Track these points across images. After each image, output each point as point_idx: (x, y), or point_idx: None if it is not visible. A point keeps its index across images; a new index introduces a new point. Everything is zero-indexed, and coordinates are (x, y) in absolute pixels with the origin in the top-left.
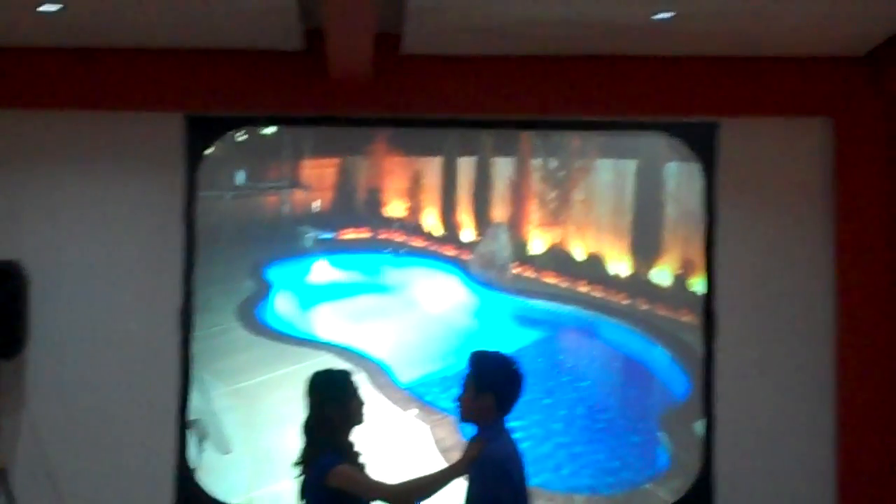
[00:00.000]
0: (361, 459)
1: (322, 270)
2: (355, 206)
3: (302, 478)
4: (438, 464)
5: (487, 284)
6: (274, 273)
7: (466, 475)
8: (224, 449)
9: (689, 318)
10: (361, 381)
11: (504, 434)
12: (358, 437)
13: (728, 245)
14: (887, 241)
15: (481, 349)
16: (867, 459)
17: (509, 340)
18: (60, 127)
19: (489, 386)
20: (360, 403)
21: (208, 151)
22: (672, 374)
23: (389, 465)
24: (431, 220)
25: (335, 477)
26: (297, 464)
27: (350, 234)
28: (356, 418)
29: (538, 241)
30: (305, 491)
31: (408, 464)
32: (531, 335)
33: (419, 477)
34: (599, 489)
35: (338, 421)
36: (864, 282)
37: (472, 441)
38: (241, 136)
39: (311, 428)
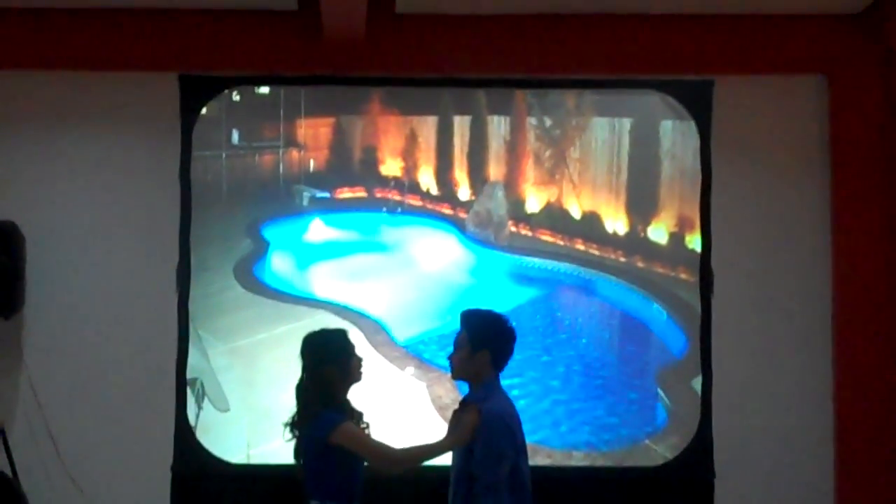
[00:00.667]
0: (364, 419)
1: (318, 229)
2: (351, 166)
3: (298, 437)
4: (434, 421)
5: (484, 243)
6: (270, 232)
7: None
8: (222, 407)
9: (686, 276)
10: (358, 338)
11: (500, 390)
12: (354, 395)
13: (724, 202)
14: (883, 196)
15: (472, 308)
16: (865, 412)
17: (506, 298)
18: (55, 88)
19: (485, 343)
20: (358, 361)
21: (203, 111)
22: (669, 332)
23: (386, 422)
24: (427, 179)
25: (339, 434)
26: (288, 424)
27: (346, 193)
28: (355, 376)
29: (534, 200)
30: (304, 449)
31: (405, 421)
32: (528, 293)
33: (420, 445)
34: (598, 445)
35: (337, 380)
36: (860, 237)
37: (466, 403)
38: (235, 96)
39: (307, 389)
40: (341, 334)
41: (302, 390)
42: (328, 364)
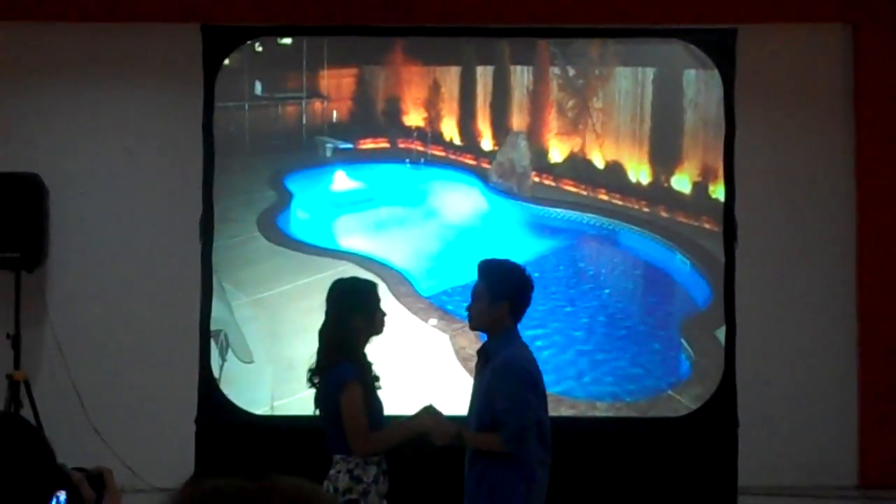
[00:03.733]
0: (375, 371)
1: (342, 180)
2: (374, 116)
3: (317, 387)
4: (457, 372)
5: (507, 193)
6: (293, 183)
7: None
8: (246, 359)
9: (710, 226)
10: (382, 290)
11: (520, 340)
12: (378, 346)
13: (748, 152)
14: None
15: (490, 258)
16: (889, 360)
17: (529, 249)
18: (78, 40)
19: (504, 294)
20: (382, 314)
21: (226, 62)
22: (693, 282)
23: (409, 374)
24: (450, 130)
25: (344, 394)
26: (312, 370)
27: (369, 144)
28: (378, 328)
29: (557, 150)
30: (322, 400)
31: (428, 372)
32: (551, 244)
33: (388, 430)
34: (621, 396)
35: (361, 329)
36: (885, 186)
37: (485, 352)
38: (258, 47)
39: (330, 335)
40: (371, 285)
41: (324, 336)
42: (354, 312)
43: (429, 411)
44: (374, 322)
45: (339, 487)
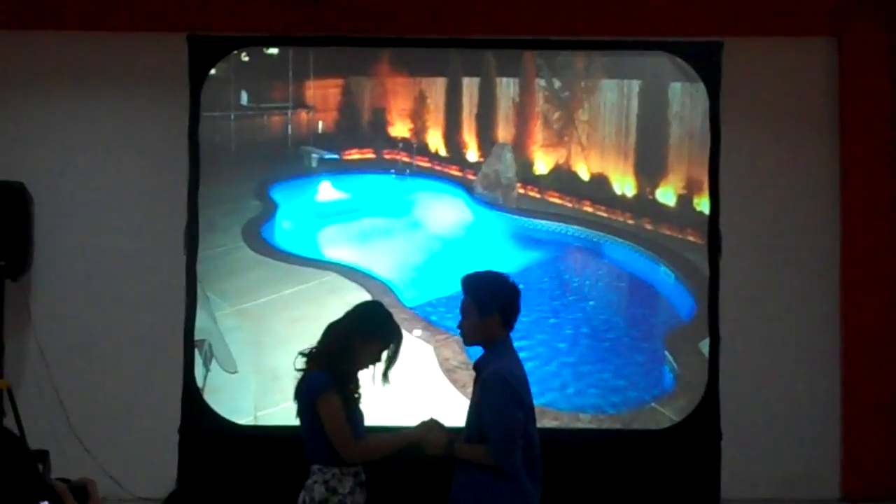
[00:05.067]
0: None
1: (327, 191)
2: (360, 127)
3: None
4: (441, 383)
5: (492, 205)
6: (279, 193)
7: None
8: (230, 369)
9: (695, 238)
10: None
11: (511, 352)
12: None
13: (733, 165)
14: (892, 160)
15: (472, 272)
16: (872, 374)
17: (514, 260)
18: (64, 48)
19: (493, 307)
20: (382, 352)
21: (212, 72)
22: (677, 294)
23: (393, 384)
24: (436, 141)
25: (323, 402)
26: (303, 353)
27: (354, 155)
28: (372, 361)
29: (542, 162)
30: (301, 409)
31: (412, 383)
32: (536, 255)
33: (380, 437)
34: (605, 408)
35: (357, 350)
36: (869, 201)
37: (478, 367)
38: (244, 57)
39: (331, 337)
40: (389, 324)
41: (328, 334)
42: (372, 337)
43: (427, 422)
44: (376, 356)
45: (315, 498)
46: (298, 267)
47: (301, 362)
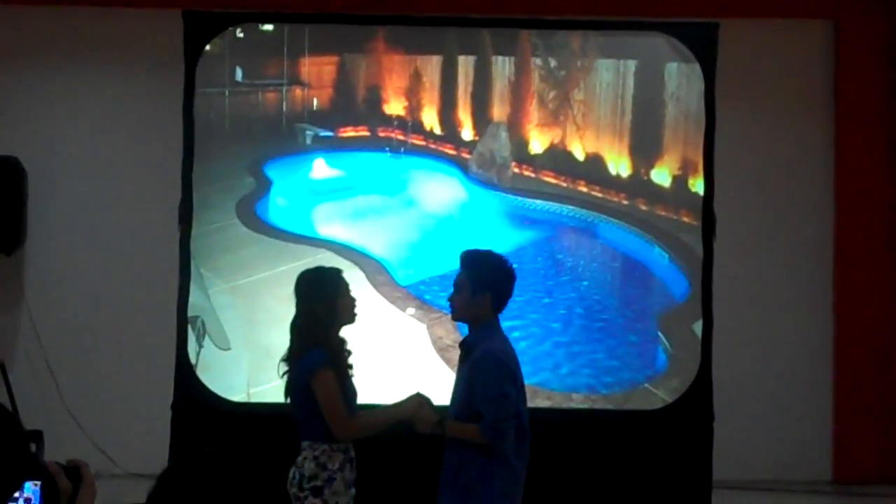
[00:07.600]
0: (351, 360)
1: (321, 168)
2: (354, 105)
3: (288, 376)
4: (434, 362)
5: (486, 184)
6: (273, 170)
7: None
8: (223, 346)
9: (689, 219)
10: (360, 278)
11: (500, 332)
12: (353, 335)
13: (728, 146)
14: (887, 142)
15: (473, 249)
16: (863, 356)
17: (508, 240)
18: (59, 23)
19: (486, 286)
20: (350, 301)
21: (207, 48)
22: (671, 275)
23: (387, 363)
24: (431, 119)
25: (316, 379)
26: (284, 360)
27: (349, 133)
28: (346, 317)
29: (538, 141)
30: (292, 388)
31: (405, 362)
32: (530, 235)
33: (371, 414)
34: (598, 388)
35: (326, 319)
36: (863, 182)
37: (466, 344)
38: (239, 33)
39: (298, 326)
40: (334, 273)
41: (294, 327)
42: (318, 302)
43: (416, 398)
44: (336, 310)
45: (305, 474)
46: (292, 244)
47: (284, 367)
